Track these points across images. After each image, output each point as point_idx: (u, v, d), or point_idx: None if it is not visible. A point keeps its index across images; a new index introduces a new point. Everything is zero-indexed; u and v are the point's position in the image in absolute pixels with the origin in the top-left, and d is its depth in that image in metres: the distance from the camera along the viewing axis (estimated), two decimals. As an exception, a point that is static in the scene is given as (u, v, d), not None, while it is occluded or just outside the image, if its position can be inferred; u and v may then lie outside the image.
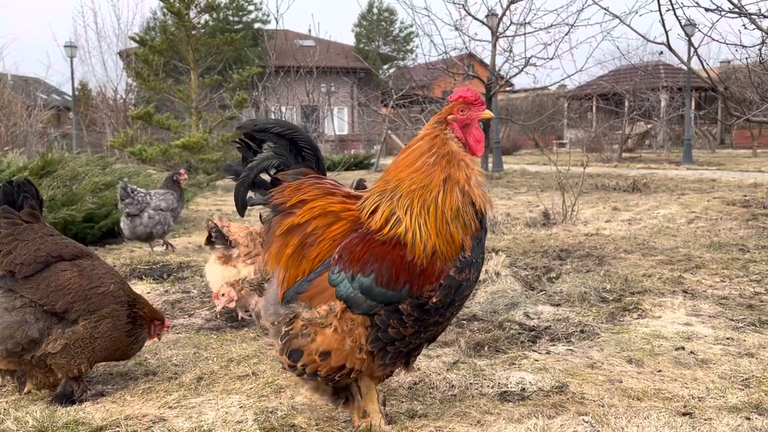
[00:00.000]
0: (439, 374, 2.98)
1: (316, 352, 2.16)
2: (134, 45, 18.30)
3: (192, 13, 14.79)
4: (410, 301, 2.09)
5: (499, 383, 2.88)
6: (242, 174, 2.31)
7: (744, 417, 2.45)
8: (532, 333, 3.69)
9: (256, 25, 36.87)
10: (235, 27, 35.41)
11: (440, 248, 2.11)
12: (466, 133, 2.24)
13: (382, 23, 48.15)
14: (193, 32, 14.71)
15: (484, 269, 4.89)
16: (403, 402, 2.71)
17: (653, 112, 22.61)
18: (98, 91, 27.19)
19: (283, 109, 14.79)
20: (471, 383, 2.89)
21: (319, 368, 2.18)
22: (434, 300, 2.11)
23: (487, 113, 2.26)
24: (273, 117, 11.74)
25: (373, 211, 2.21)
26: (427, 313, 2.12)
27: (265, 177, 2.39)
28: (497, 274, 4.76)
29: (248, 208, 2.38)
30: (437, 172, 2.17)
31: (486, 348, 3.44)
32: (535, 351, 3.39)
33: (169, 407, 2.70)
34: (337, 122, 32.60)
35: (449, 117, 2.24)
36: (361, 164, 20.78)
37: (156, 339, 3.07)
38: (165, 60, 15.99)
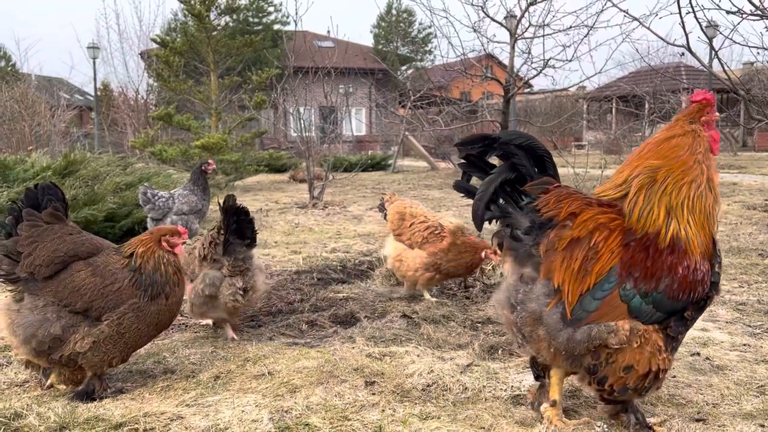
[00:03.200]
0: (452, 377, 3.00)
1: (620, 369, 2.27)
2: (155, 46, 18.54)
3: (212, 15, 14.94)
4: (693, 306, 2.26)
5: (512, 386, 2.89)
6: (481, 188, 2.34)
7: (758, 424, 2.44)
8: (547, 336, 3.69)
9: (276, 27, 37.05)
10: (255, 28, 35.60)
11: (704, 244, 2.27)
12: (713, 134, 2.40)
13: (401, 24, 48.17)
14: (213, 34, 14.86)
15: (498, 272, 4.91)
16: (416, 404, 2.74)
17: (673, 115, 22.31)
18: (120, 92, 27.53)
19: (301, 110, 14.90)
20: (484, 386, 2.91)
21: (627, 381, 2.27)
22: (707, 296, 2.29)
23: (717, 116, 2.44)
24: (291, 118, 11.79)
25: (643, 213, 2.31)
26: (701, 311, 2.32)
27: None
28: (512, 277, 4.76)
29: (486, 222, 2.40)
30: (704, 169, 2.31)
31: (500, 351, 3.45)
32: (549, 355, 3.39)
33: (187, 405, 2.75)
34: (355, 123, 32.67)
35: (704, 118, 2.38)
36: (378, 165, 20.80)
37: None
38: (185, 61, 16.17)
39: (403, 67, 42.89)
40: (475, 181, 2.46)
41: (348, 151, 28.00)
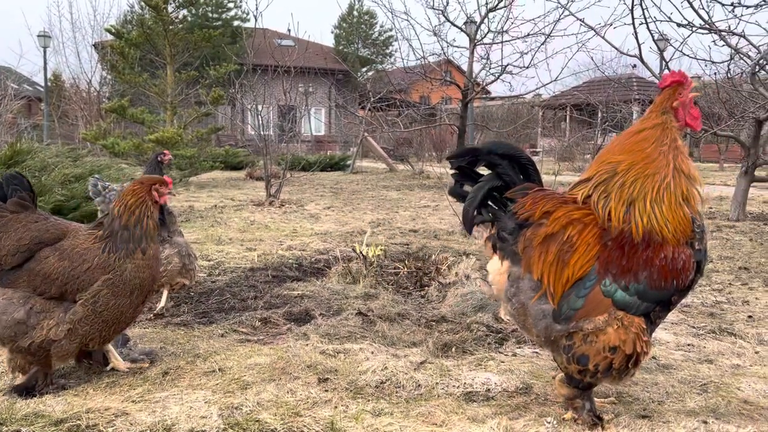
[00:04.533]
0: (406, 374, 3.00)
1: (603, 349, 2.34)
2: (110, 37, 18.03)
3: (170, 8, 14.64)
4: (678, 292, 2.36)
5: (465, 383, 2.91)
6: (470, 195, 2.52)
7: (701, 421, 2.51)
8: (500, 335, 3.74)
9: (236, 23, 36.53)
10: (215, 24, 35.07)
11: (679, 228, 2.32)
12: (685, 114, 2.41)
13: (362, 26, 48.17)
14: (170, 27, 14.55)
15: (454, 272, 4.94)
16: (369, 400, 2.73)
17: (625, 124, 22.98)
18: (72, 83, 26.69)
19: (260, 107, 14.72)
20: (437, 383, 2.92)
21: (613, 361, 2.34)
22: (693, 279, 2.36)
23: (694, 85, 2.46)
24: (250, 115, 11.63)
25: (608, 209, 2.39)
26: (686, 292, 2.41)
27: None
28: (467, 276, 4.79)
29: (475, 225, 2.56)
30: (670, 159, 2.36)
31: (453, 349, 3.47)
32: (502, 353, 3.43)
33: (133, 401, 2.67)
34: (314, 123, 32.50)
35: (674, 104, 2.41)
36: (336, 165, 20.74)
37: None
38: (141, 54, 15.79)
39: (364, 69, 42.87)
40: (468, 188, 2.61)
41: (307, 150, 27.81)
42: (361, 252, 5.22)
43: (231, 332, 3.77)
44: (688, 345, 3.58)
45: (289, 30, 20.86)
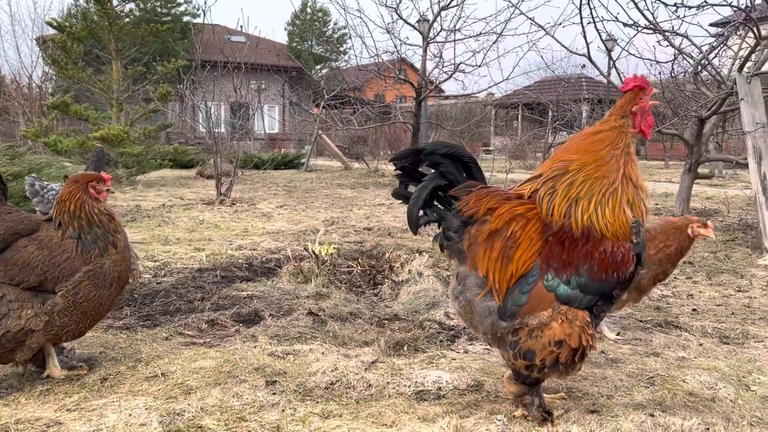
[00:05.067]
0: (357, 374, 2.93)
1: (549, 344, 2.33)
2: (52, 31, 17.37)
3: (115, 1, 14.19)
4: (620, 285, 2.36)
5: (416, 382, 2.87)
6: (413, 196, 2.49)
7: (648, 414, 2.54)
8: (451, 332, 3.72)
9: (185, 18, 35.80)
10: (163, 19, 34.26)
11: (620, 231, 2.33)
12: (642, 119, 2.42)
13: (316, 23, 47.85)
14: (116, 21, 14.10)
15: (407, 269, 4.90)
16: (318, 402, 2.66)
17: (575, 123, 23.49)
18: (12, 79, 25.63)
19: (210, 104, 14.45)
20: (388, 383, 2.87)
21: (560, 355, 2.33)
22: (633, 271, 2.37)
23: (655, 92, 2.46)
24: (200, 112, 11.37)
25: (552, 205, 2.39)
26: (628, 285, 2.41)
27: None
28: (420, 274, 4.77)
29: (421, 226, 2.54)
30: (621, 165, 2.36)
31: (405, 347, 3.43)
32: (454, 350, 3.41)
33: (68, 410, 2.53)
34: (268, 120, 32.12)
35: (634, 108, 2.42)
36: (290, 163, 20.51)
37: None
38: (85, 49, 15.26)
39: (318, 66, 42.60)
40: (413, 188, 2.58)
41: (260, 148, 27.44)
42: (313, 251, 5.14)
43: (176, 335, 3.64)
44: (636, 339, 3.63)
45: (241, 27, 20.52)
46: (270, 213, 9.16)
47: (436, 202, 2.54)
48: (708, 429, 2.36)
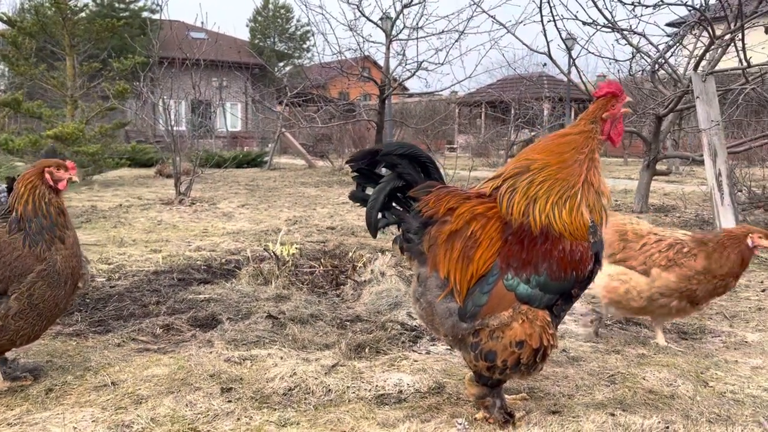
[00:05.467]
0: (316, 378, 2.86)
1: (510, 344, 2.30)
2: (2, 26, 16.77)
3: (69, -5, 13.74)
4: (579, 284, 2.35)
5: (377, 386, 2.81)
6: (371, 198, 2.44)
7: (609, 413, 2.53)
8: (414, 333, 3.67)
9: (144, 14, 35.04)
10: (121, 14, 33.48)
11: (577, 233, 2.32)
12: (612, 126, 2.41)
13: (278, 20, 47.37)
14: (69, 16, 13.66)
15: (369, 269, 4.84)
16: (275, 410, 2.57)
17: (536, 121, 23.76)
18: (-40, 75, 24.72)
19: (170, 102, 14.15)
20: (349, 387, 2.80)
21: (521, 356, 2.30)
22: (592, 270, 2.37)
23: (630, 103, 2.44)
24: (161, 110, 11.09)
25: (512, 203, 2.36)
26: (587, 284, 2.40)
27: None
28: (382, 274, 4.71)
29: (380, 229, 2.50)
30: (583, 170, 2.35)
31: (367, 350, 3.37)
32: (416, 351, 3.36)
33: (8, 424, 2.40)
34: (230, 118, 31.67)
35: (605, 115, 2.40)
36: (253, 162, 20.23)
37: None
38: (38, 44, 14.76)
39: (281, 64, 42.22)
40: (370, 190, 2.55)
41: (222, 146, 27.02)
42: (273, 251, 5.03)
43: (129, 341, 3.51)
44: (597, 336, 3.64)
45: (202, 23, 20.18)
46: (231, 212, 8.99)
47: (394, 204, 2.51)
48: (668, 427, 2.36)
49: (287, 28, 47.65)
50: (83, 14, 16.00)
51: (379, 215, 2.48)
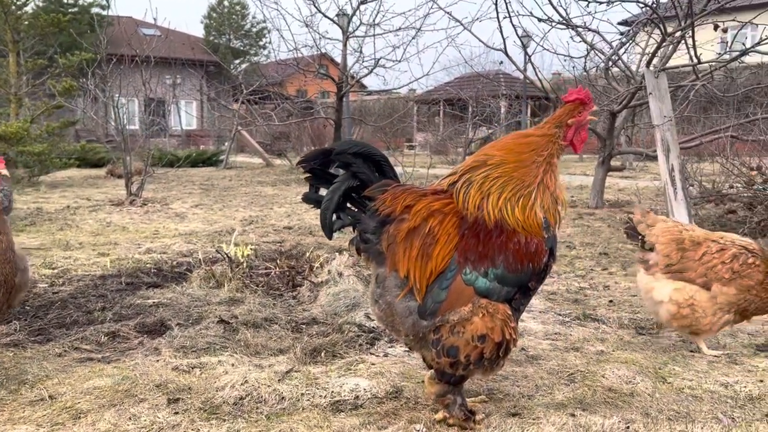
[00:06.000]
0: (269, 386, 2.74)
1: (473, 339, 2.25)
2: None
3: (12, -11, 13.19)
4: (535, 277, 2.33)
5: (332, 392, 2.70)
6: (325, 199, 2.38)
7: (569, 414, 2.48)
8: (372, 335, 3.57)
9: (94, 10, 34.00)
10: (70, 10, 32.43)
11: (530, 230, 2.30)
12: (575, 133, 2.38)
13: (234, 16, 46.63)
14: (12, 10, 13.11)
15: (326, 270, 4.72)
16: (225, 420, 2.45)
17: (494, 118, 23.97)
18: None
19: (122, 99, 13.73)
20: (303, 394, 2.69)
21: (484, 350, 2.25)
22: (546, 264, 2.34)
23: (594, 109, 2.41)
24: (112, 108, 10.70)
25: (468, 197, 2.33)
26: (543, 277, 2.39)
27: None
28: (340, 274, 4.60)
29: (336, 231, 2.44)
30: (540, 172, 2.32)
31: (323, 354, 3.26)
32: (373, 354, 3.27)
33: (-70, 447, 2.21)
34: (185, 116, 30.99)
35: (570, 121, 2.37)
36: (208, 161, 19.84)
37: None
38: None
39: (237, 61, 41.55)
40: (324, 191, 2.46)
41: (177, 145, 26.44)
42: (226, 253, 4.87)
43: (71, 350, 3.32)
44: (556, 333, 3.61)
45: (154, 19, 19.66)
46: (184, 213, 8.74)
47: (349, 204, 2.43)
48: (628, 427, 2.33)
49: (243, 24, 46.96)
50: (28, 9, 15.40)
51: (334, 216, 2.40)
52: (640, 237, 3.40)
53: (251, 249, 5.28)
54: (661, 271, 3.30)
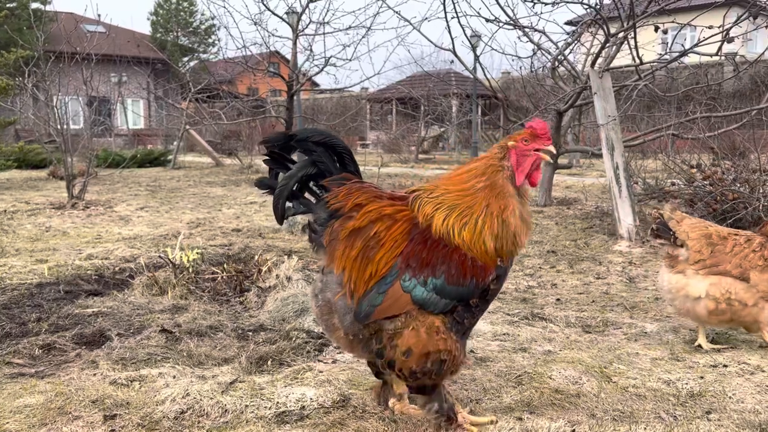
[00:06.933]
0: (211, 398, 2.65)
1: (402, 353, 2.21)
2: None
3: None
4: (479, 294, 2.23)
5: (278, 403, 2.64)
6: (280, 184, 2.32)
7: (516, 417, 2.48)
8: (320, 341, 3.51)
9: (34, 5, 32.73)
10: (8, 5, 31.17)
11: (479, 252, 2.21)
12: (520, 163, 2.27)
13: (181, 13, 45.62)
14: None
15: (274, 274, 4.63)
16: (164, 437, 2.35)
17: (445, 117, 24.13)
18: None
19: (67, 98, 13.22)
20: (247, 405, 2.61)
21: (411, 364, 2.21)
22: (494, 279, 2.24)
23: (550, 151, 2.27)
24: (54, 107, 10.25)
25: (422, 206, 2.27)
26: (487, 302, 2.30)
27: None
28: (288, 278, 4.52)
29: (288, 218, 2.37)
30: (481, 198, 2.24)
31: (269, 362, 3.18)
32: (321, 361, 3.21)
33: None
34: (132, 116, 30.17)
35: (510, 143, 2.29)
36: (156, 161, 19.33)
37: None
38: None
39: (186, 59, 40.69)
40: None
41: (123, 145, 25.70)
42: (170, 258, 4.72)
43: (1, 365, 3.15)
44: (504, 334, 3.62)
45: (99, 15, 19.02)
46: (129, 216, 8.47)
47: (306, 193, 2.38)
48: (573, 430, 2.34)
49: (191, 21, 45.98)
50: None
51: (289, 204, 2.35)
52: (671, 233, 3.36)
53: (197, 253, 5.14)
54: (692, 267, 3.29)
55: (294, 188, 2.34)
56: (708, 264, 3.27)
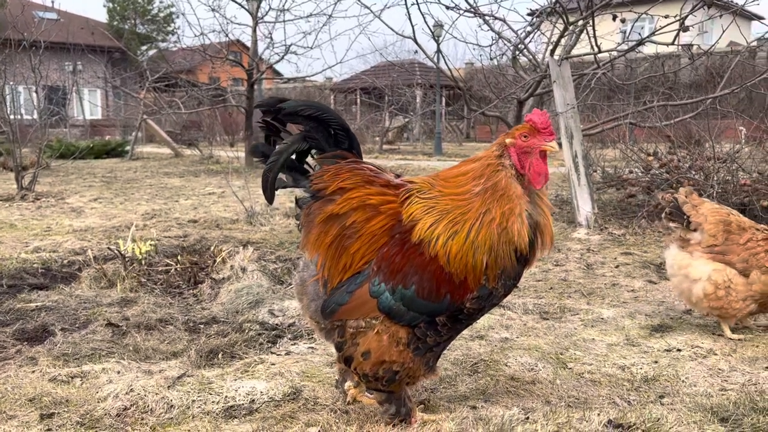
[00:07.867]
0: (157, 394, 2.54)
1: (360, 354, 2.12)
2: None
3: None
4: (451, 313, 2.07)
5: (226, 397, 2.54)
6: (272, 158, 2.20)
7: (470, 406, 2.43)
8: (274, 332, 3.42)
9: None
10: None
11: (467, 274, 2.04)
12: (523, 161, 2.07)
13: (139, 1, 44.48)
14: None
15: (229, 265, 4.51)
16: (104, 435, 2.24)
17: (410, 107, 24.08)
18: None
19: (21, 88, 12.77)
20: (194, 401, 2.51)
21: (365, 367, 2.13)
22: (468, 307, 2.08)
23: (553, 146, 2.06)
24: (1, 95, 9.86)
25: (414, 214, 2.10)
26: (457, 323, 2.12)
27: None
28: (243, 269, 4.40)
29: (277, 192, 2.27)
30: (477, 204, 2.04)
31: (220, 355, 3.08)
32: (274, 353, 3.12)
33: None
34: (88, 105, 29.32)
35: (508, 141, 2.09)
36: (113, 151, 18.84)
37: None
38: None
39: (144, 47, 39.72)
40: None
41: (80, 135, 24.97)
42: (119, 250, 4.56)
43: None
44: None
45: (52, 2, 18.38)
46: (81, 208, 8.19)
47: (297, 166, 2.28)
48: (528, 417, 2.30)
49: (149, 9, 44.88)
50: None
51: (282, 176, 2.26)
52: (685, 217, 3.34)
53: (151, 245, 4.98)
54: (702, 250, 3.29)
55: (283, 163, 2.22)
56: (717, 251, 3.27)
